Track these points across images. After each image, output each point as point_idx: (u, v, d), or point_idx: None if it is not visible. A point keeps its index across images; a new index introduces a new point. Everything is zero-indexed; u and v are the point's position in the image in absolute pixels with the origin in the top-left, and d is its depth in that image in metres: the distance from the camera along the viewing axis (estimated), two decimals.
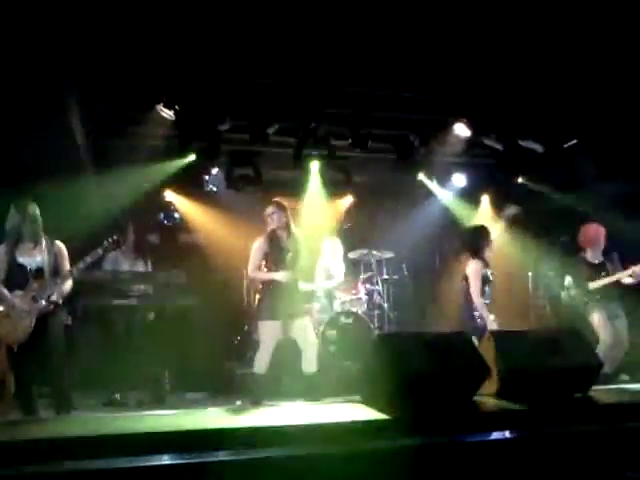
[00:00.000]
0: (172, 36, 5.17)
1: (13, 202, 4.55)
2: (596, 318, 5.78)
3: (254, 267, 5.10)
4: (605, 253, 6.02)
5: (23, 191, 4.84)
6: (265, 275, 5.12)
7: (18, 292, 4.38)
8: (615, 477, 3.49)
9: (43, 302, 4.39)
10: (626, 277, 5.78)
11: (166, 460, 3.18)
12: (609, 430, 3.68)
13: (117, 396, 5.45)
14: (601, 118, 6.53)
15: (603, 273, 5.88)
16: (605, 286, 5.80)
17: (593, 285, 5.83)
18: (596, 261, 5.98)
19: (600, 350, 5.47)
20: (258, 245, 5.11)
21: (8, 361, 4.35)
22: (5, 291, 4.38)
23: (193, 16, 4.93)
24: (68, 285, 4.57)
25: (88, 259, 4.59)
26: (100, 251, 4.69)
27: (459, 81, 6.01)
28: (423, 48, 5.49)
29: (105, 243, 4.72)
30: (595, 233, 6.00)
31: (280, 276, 5.01)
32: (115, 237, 4.79)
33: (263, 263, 5.13)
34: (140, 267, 6.16)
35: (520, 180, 8.08)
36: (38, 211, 4.53)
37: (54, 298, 4.47)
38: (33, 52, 4.92)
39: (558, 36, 5.27)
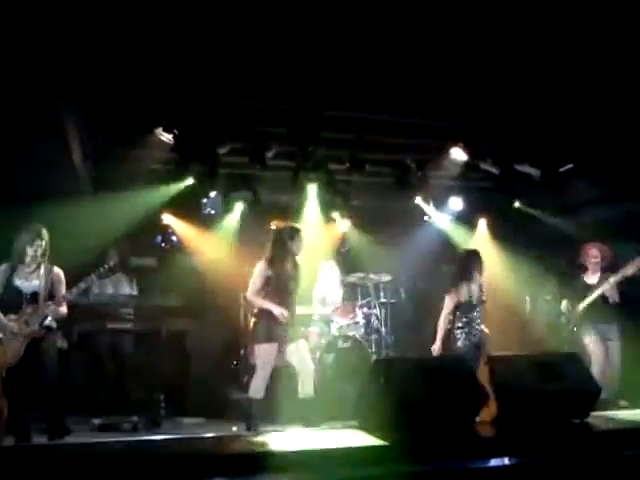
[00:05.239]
0: (171, 60, 5.22)
1: (24, 224, 4.54)
2: (588, 339, 5.81)
3: (254, 291, 5.02)
4: (603, 274, 6.01)
5: (21, 214, 4.84)
6: (263, 303, 4.99)
7: (12, 316, 4.35)
8: None
9: (35, 327, 4.36)
10: (606, 288, 5.76)
11: None
12: (607, 457, 3.65)
13: (112, 420, 5.40)
14: (597, 142, 6.58)
15: (589, 292, 5.91)
16: (597, 306, 5.82)
17: (582, 305, 5.89)
18: (591, 282, 6.01)
19: (593, 372, 5.46)
20: (260, 268, 5.03)
21: (1, 386, 4.31)
22: None
23: (192, 40, 4.98)
24: (63, 310, 4.54)
25: (82, 285, 4.58)
26: (94, 277, 4.65)
27: (456, 106, 6.06)
28: (420, 73, 5.55)
29: (101, 269, 4.68)
30: (597, 252, 6.02)
31: (277, 312, 4.90)
32: (112, 264, 4.77)
33: (264, 288, 5.05)
34: (125, 289, 6.13)
35: (517, 204, 8.12)
36: (47, 236, 4.53)
37: (47, 323, 4.44)
38: (32, 74, 4.95)
39: (553, 61, 5.33)
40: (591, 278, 6.04)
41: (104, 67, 5.18)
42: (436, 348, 5.85)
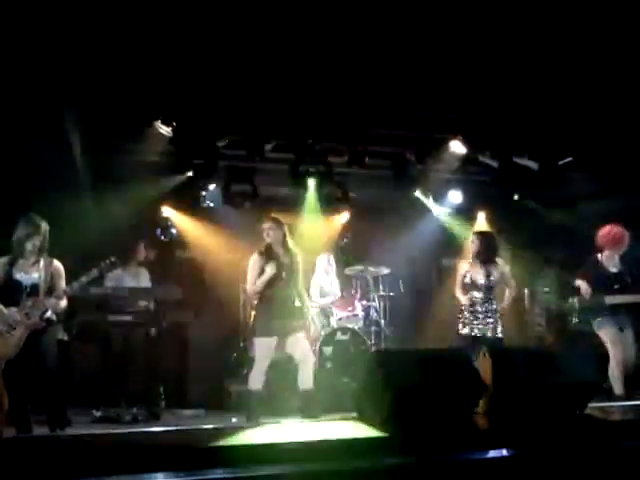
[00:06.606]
0: (170, 53, 5.21)
1: (22, 216, 4.51)
2: (607, 333, 5.48)
3: (252, 283, 5.05)
4: (623, 262, 5.63)
5: (21, 208, 4.83)
6: (260, 281, 4.96)
7: (13, 309, 4.35)
8: None
9: (36, 319, 4.36)
10: None
11: (160, 478, 3.15)
12: (605, 448, 3.67)
13: (112, 412, 5.42)
14: (596, 135, 6.58)
15: (616, 286, 5.50)
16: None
17: (610, 300, 5.45)
18: (613, 269, 5.59)
19: (611, 367, 5.36)
20: (254, 260, 5.08)
21: (2, 378, 4.32)
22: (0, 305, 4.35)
23: (191, 33, 4.98)
24: (63, 304, 4.54)
25: (84, 279, 4.55)
26: (96, 271, 4.63)
27: (455, 99, 6.06)
28: (419, 66, 5.55)
29: (102, 264, 4.67)
30: (621, 235, 5.56)
31: (269, 268, 4.90)
32: (113, 259, 4.74)
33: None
34: (144, 282, 6.15)
35: (516, 197, 8.12)
36: (48, 229, 4.51)
37: (47, 316, 4.44)
38: (32, 69, 4.95)
39: (552, 55, 5.33)
40: (610, 264, 5.59)
41: (103, 60, 5.17)
42: (463, 299, 5.74)
